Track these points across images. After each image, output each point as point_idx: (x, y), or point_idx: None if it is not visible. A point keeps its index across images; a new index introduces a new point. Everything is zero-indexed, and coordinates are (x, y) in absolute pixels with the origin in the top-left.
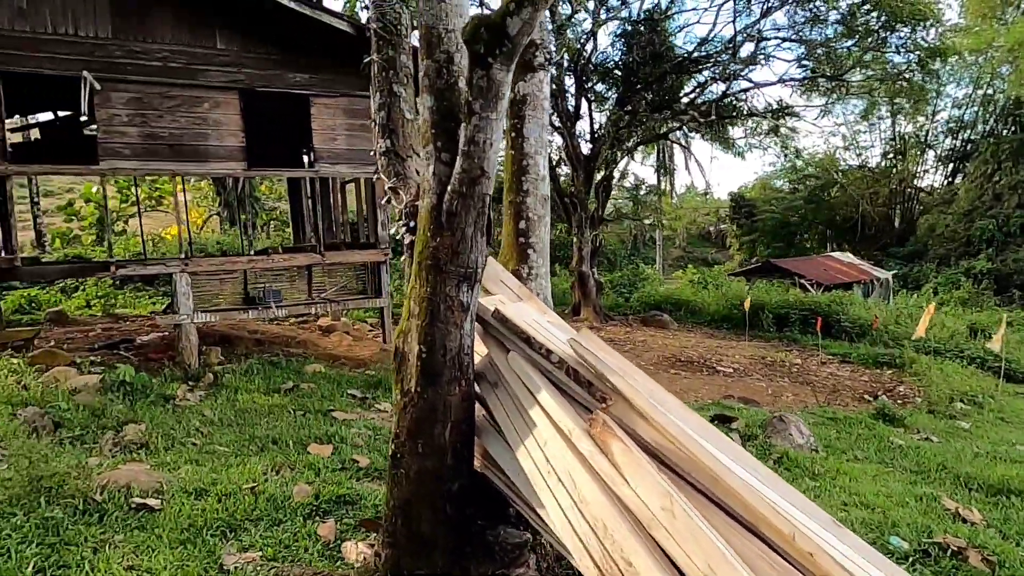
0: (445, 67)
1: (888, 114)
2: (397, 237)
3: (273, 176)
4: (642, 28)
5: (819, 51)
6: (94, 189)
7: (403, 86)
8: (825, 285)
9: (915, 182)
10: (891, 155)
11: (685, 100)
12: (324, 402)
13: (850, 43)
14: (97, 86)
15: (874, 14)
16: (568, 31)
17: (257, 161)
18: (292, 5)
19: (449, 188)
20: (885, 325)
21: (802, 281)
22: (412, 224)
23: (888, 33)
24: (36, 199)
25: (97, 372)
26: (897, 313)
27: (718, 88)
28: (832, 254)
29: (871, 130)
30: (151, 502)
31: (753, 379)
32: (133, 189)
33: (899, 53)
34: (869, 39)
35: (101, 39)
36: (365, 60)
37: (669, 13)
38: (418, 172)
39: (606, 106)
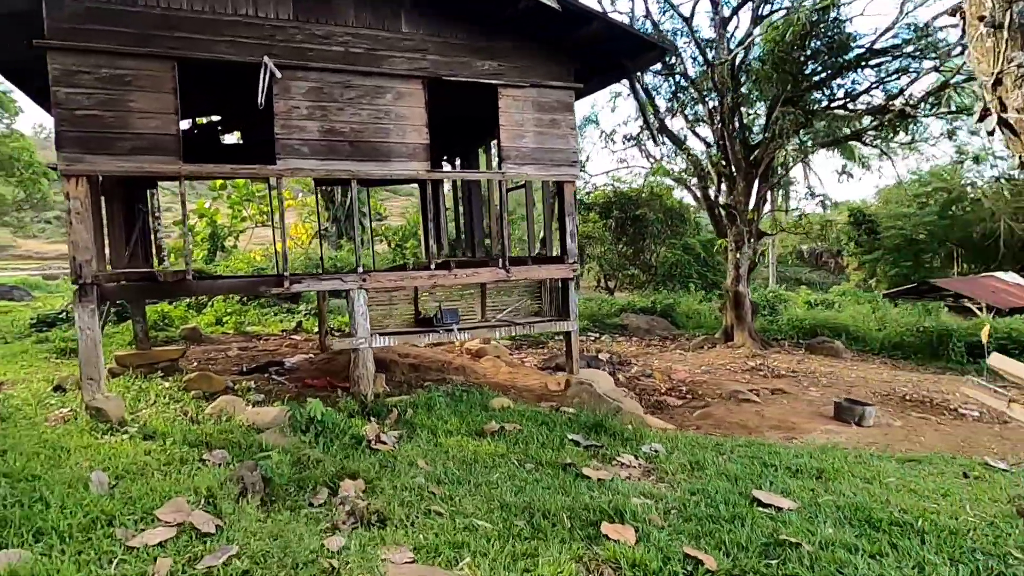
0: None
1: None
2: None
3: (456, 178)
4: (815, 17)
5: None
6: (207, 204)
7: None
8: (997, 308)
9: None
10: None
11: (864, 98)
12: (548, 451)
13: None
14: (278, 74)
15: None
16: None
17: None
18: None
19: None
20: None
21: (968, 304)
22: None
23: None
24: (157, 212)
25: (258, 399)
26: None
27: (897, 84)
28: (995, 274)
29: None
30: None
31: (1014, 425)
32: (244, 204)
33: None
34: None
35: (282, 21)
36: None
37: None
38: None
39: (765, 106)
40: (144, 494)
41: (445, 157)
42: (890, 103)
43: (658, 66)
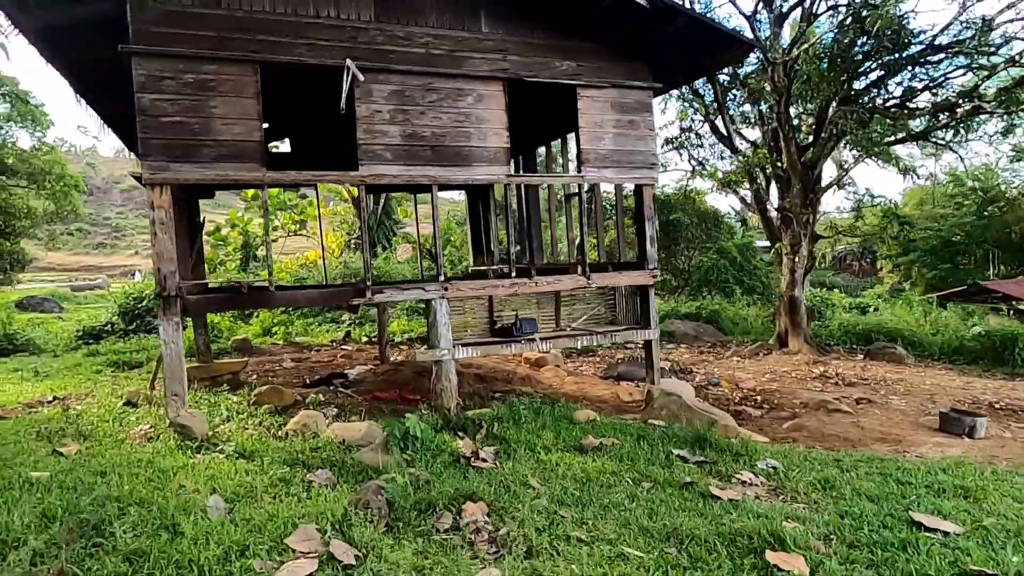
0: None
1: None
2: None
3: (534, 182)
4: (864, 13)
5: None
6: (239, 214)
7: None
8: None
9: None
10: None
11: (927, 96)
12: (657, 468)
13: None
14: (360, 76)
15: None
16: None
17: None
18: None
19: None
20: None
21: (1017, 305)
22: None
23: None
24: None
25: (332, 413)
26: None
27: (958, 82)
28: None
29: None
30: None
31: None
32: (276, 213)
33: None
34: None
35: (363, 23)
36: None
37: None
38: None
39: (816, 106)
40: (266, 521)
41: None
42: (961, 100)
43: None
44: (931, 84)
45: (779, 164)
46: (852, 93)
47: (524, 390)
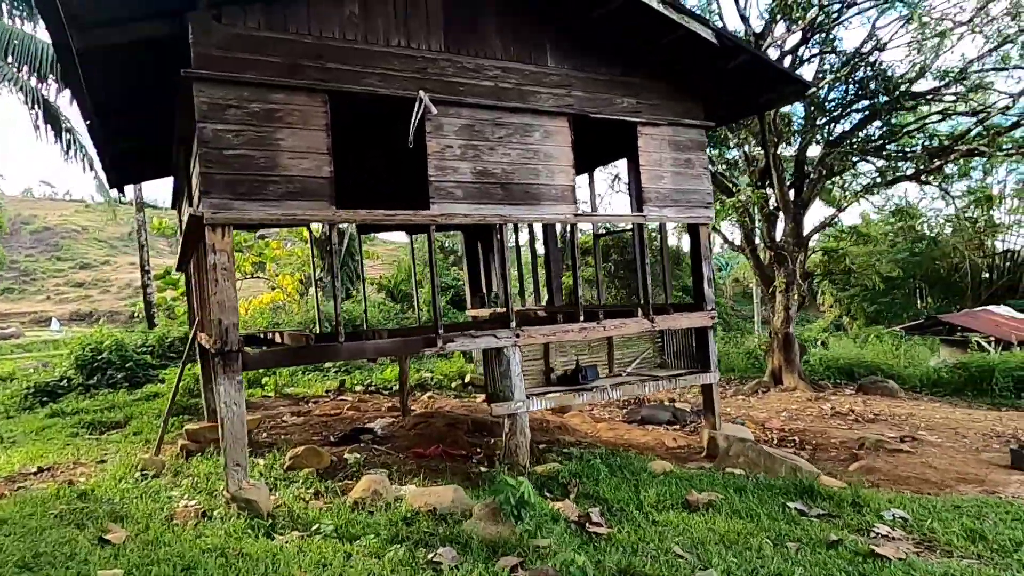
0: None
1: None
2: None
3: (599, 222)
4: (856, 62)
5: None
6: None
7: None
8: (1005, 342)
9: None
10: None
11: (902, 139)
12: (783, 523)
13: None
14: (433, 109)
15: None
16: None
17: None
18: (657, 7)
19: None
20: None
21: (977, 339)
22: None
23: None
24: (147, 267)
25: (371, 473)
26: None
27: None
28: (989, 308)
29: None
30: None
31: None
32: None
33: None
34: None
35: (433, 53)
36: None
37: (884, 45)
38: None
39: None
40: None
41: None
42: (957, 143)
43: None
44: (915, 128)
45: (769, 204)
46: (840, 137)
47: (566, 439)
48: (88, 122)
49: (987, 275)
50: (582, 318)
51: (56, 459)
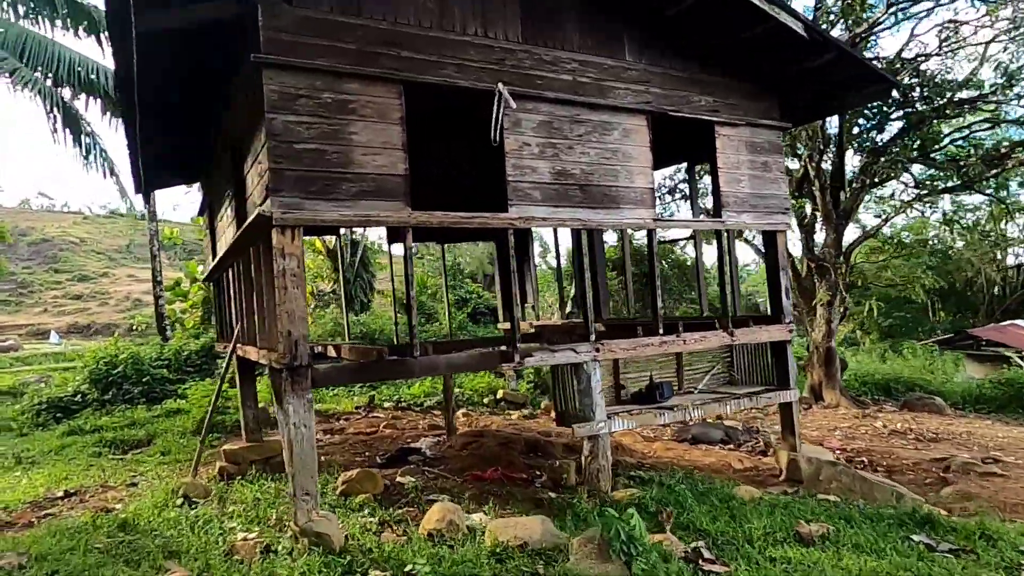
0: None
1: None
2: None
3: (680, 227)
4: (898, 68)
5: None
6: (200, 268)
7: None
8: None
9: None
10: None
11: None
12: (920, 562)
13: None
14: (512, 103)
15: None
16: None
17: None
18: None
19: None
20: None
21: (1009, 354)
22: None
23: None
24: (160, 277)
25: (432, 498)
26: None
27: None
28: (1016, 322)
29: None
30: None
31: None
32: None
33: None
34: None
35: (511, 44)
36: None
37: (930, 53)
38: None
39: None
40: None
41: None
42: (1015, 149)
43: None
44: (963, 135)
45: (808, 214)
46: (884, 144)
47: (627, 460)
48: (127, 122)
49: (998, 290)
50: (661, 331)
51: (82, 482)
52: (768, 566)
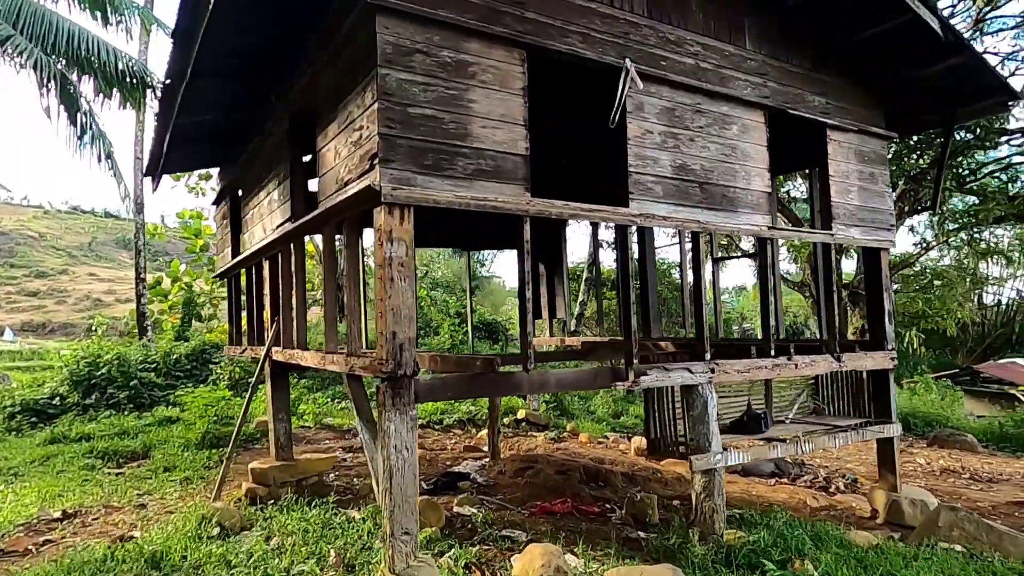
0: None
1: None
2: None
3: (796, 238)
4: None
5: None
6: (182, 268)
7: None
8: None
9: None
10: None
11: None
12: None
13: None
14: (639, 83)
15: None
16: None
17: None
18: None
19: None
20: None
21: (1016, 392)
22: None
23: None
24: (143, 274)
25: (504, 534)
26: None
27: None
28: (1017, 360)
29: None
30: None
31: None
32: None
33: None
34: None
35: (636, 16)
36: None
37: None
38: None
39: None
40: None
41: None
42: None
43: None
44: (996, 169)
45: None
46: (920, 171)
47: (665, 493)
48: (168, 88)
49: (978, 327)
50: (773, 352)
51: (80, 500)
52: None
